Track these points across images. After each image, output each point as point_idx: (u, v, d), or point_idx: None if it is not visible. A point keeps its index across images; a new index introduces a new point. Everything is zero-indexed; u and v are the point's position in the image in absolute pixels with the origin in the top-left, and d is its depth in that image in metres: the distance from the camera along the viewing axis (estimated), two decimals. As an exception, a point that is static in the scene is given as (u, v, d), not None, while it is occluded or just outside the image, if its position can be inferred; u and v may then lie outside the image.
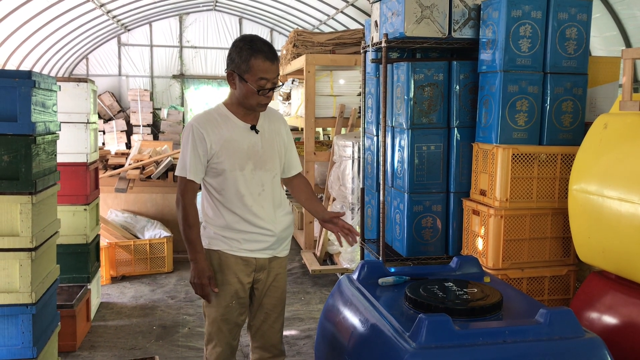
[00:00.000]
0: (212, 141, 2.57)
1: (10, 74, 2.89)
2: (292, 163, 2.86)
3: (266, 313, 2.79)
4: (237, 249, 2.65)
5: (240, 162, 2.61)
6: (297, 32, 6.89)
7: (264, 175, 2.67)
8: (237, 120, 2.64)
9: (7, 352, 2.93)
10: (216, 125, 2.60)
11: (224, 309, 2.68)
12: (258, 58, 2.50)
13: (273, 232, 2.68)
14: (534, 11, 3.38)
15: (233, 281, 2.66)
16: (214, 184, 2.64)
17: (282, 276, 2.82)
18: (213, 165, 2.60)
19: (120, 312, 4.87)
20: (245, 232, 2.64)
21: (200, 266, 2.61)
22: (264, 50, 2.51)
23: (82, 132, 4.43)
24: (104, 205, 6.24)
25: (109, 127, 14.46)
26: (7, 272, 2.91)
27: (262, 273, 2.73)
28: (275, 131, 2.74)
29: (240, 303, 2.71)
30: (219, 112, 2.66)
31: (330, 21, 12.60)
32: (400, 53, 4.17)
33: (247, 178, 2.62)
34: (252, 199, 2.63)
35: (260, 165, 2.65)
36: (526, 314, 2.31)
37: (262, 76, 2.52)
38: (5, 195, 2.87)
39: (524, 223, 3.39)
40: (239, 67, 2.53)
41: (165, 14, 15.18)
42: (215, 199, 2.65)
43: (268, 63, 2.51)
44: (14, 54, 10.73)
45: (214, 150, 2.58)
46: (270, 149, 2.70)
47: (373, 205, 4.41)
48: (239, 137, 2.62)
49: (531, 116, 3.45)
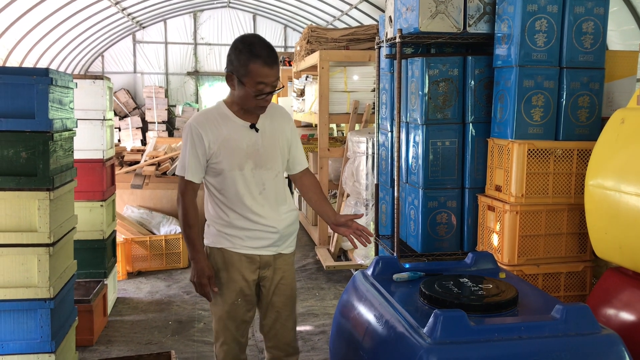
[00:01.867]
0: (210, 141, 2.55)
1: (28, 72, 2.92)
2: (297, 159, 2.82)
3: (277, 312, 2.76)
4: (241, 247, 2.64)
5: (240, 161, 2.58)
6: (310, 29, 6.89)
7: (265, 174, 2.63)
8: (237, 119, 2.60)
9: (27, 345, 2.97)
10: (215, 124, 2.57)
11: (229, 306, 2.67)
12: (257, 63, 2.44)
13: (276, 229, 2.65)
14: (550, 5, 3.35)
15: (238, 279, 2.65)
16: (214, 183, 2.63)
17: (290, 273, 2.79)
18: (212, 165, 2.59)
19: (137, 307, 4.92)
20: (247, 230, 2.62)
21: (200, 265, 2.60)
22: (262, 55, 2.44)
23: (98, 129, 4.47)
24: (120, 201, 6.29)
25: (125, 124, 14.57)
26: (25, 267, 2.95)
27: (267, 270, 2.71)
28: (277, 129, 2.70)
29: (246, 300, 2.69)
30: (218, 111, 2.63)
31: (344, 17, 12.57)
32: (414, 48, 4.15)
33: (246, 178, 2.59)
34: (251, 198, 2.60)
35: (260, 164, 2.62)
36: (542, 309, 2.29)
37: (260, 80, 2.46)
38: (23, 191, 2.91)
39: (539, 219, 3.37)
40: (238, 70, 2.48)
41: (180, 11, 15.25)
42: (216, 197, 2.64)
43: (267, 68, 2.45)
44: (31, 52, 10.84)
45: (213, 150, 2.55)
46: (272, 147, 2.66)
47: (387, 202, 4.40)
48: (238, 136, 2.59)
49: (547, 111, 3.42)
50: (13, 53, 10.10)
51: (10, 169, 2.90)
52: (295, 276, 2.85)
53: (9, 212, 2.92)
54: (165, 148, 7.61)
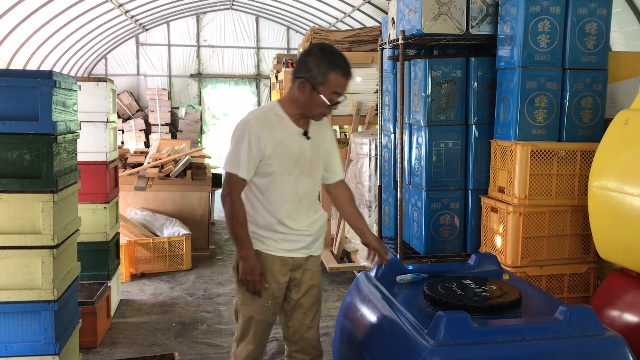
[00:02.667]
0: (267, 142, 2.53)
1: (32, 74, 2.93)
2: (334, 169, 2.81)
3: (304, 313, 2.74)
4: (275, 249, 2.63)
5: (290, 166, 2.58)
6: (313, 30, 6.89)
7: (308, 182, 2.65)
8: (292, 124, 2.60)
9: (30, 347, 2.97)
10: (272, 126, 2.56)
11: (260, 308, 2.65)
12: (337, 73, 2.48)
13: (310, 232, 2.66)
14: (552, 7, 3.34)
15: (270, 281, 2.64)
16: (260, 184, 2.60)
17: (318, 274, 2.79)
18: (263, 167, 2.57)
19: (140, 309, 4.92)
20: (282, 233, 2.62)
21: (252, 263, 2.57)
22: (343, 67, 2.49)
23: (101, 131, 4.47)
24: (123, 203, 6.30)
25: (128, 126, 14.59)
26: (29, 269, 2.96)
27: (298, 272, 2.70)
28: (321, 137, 2.70)
29: (275, 303, 2.69)
30: (274, 112, 2.61)
31: (347, 19, 12.57)
32: (417, 50, 4.15)
33: (292, 183, 2.60)
34: (293, 204, 2.61)
35: (305, 171, 2.63)
36: (545, 311, 2.29)
37: (336, 91, 2.50)
38: (27, 193, 2.92)
39: (543, 220, 3.36)
40: (315, 78, 2.48)
41: (183, 14, 15.26)
42: (257, 199, 2.62)
43: (344, 80, 2.50)
44: (34, 55, 10.87)
45: (268, 151, 2.54)
46: (317, 156, 2.67)
47: (390, 203, 4.40)
48: (291, 142, 2.58)
49: (550, 112, 3.42)
50: (17, 56, 10.13)
51: (14, 171, 2.91)
52: (321, 276, 2.85)
53: (12, 214, 2.93)
54: (169, 150, 7.62)
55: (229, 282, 5.69)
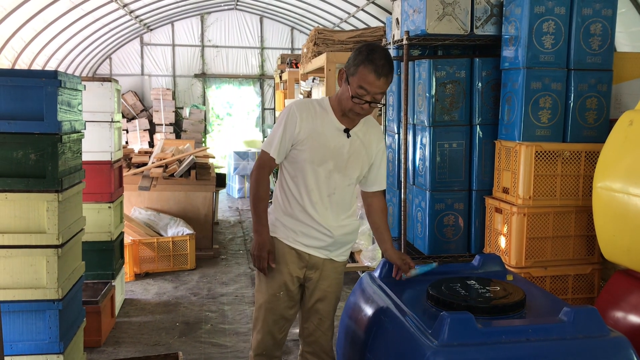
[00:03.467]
0: (302, 127, 2.56)
1: (37, 74, 2.94)
2: (376, 178, 2.79)
3: (320, 319, 2.73)
4: (293, 240, 2.64)
5: (321, 158, 2.58)
6: (317, 31, 6.89)
7: (341, 179, 2.63)
8: (334, 118, 2.61)
9: (35, 346, 2.99)
10: (313, 114, 2.59)
11: (270, 296, 2.66)
12: (367, 67, 2.45)
13: (332, 234, 2.64)
14: (557, 7, 3.34)
15: (284, 271, 2.64)
16: (290, 169, 2.64)
17: (338, 282, 2.76)
18: (294, 152, 2.60)
19: (144, 308, 4.93)
20: (304, 224, 2.62)
21: (263, 238, 2.61)
22: (376, 64, 2.45)
23: (106, 131, 4.49)
24: (127, 203, 6.31)
25: (132, 126, 14.62)
26: (34, 268, 2.97)
27: (314, 272, 2.68)
28: (367, 142, 2.68)
29: (289, 295, 2.67)
30: (321, 104, 2.64)
31: (351, 19, 12.57)
32: (421, 50, 4.15)
33: (320, 175, 2.59)
34: (319, 196, 2.61)
35: (340, 168, 2.62)
36: (550, 312, 2.29)
37: (363, 85, 2.47)
38: (32, 193, 2.93)
39: (547, 221, 3.36)
40: (349, 68, 2.52)
41: (187, 14, 15.29)
42: (287, 184, 2.65)
43: (373, 76, 2.45)
44: (39, 55, 10.90)
45: (302, 137, 2.56)
46: (355, 157, 2.65)
47: (394, 203, 4.40)
48: (329, 134, 2.59)
49: (554, 113, 3.42)
50: (22, 55, 10.16)
51: (20, 171, 2.92)
52: (342, 285, 2.81)
53: (18, 214, 2.94)
54: (173, 150, 7.64)
55: (232, 282, 5.70)
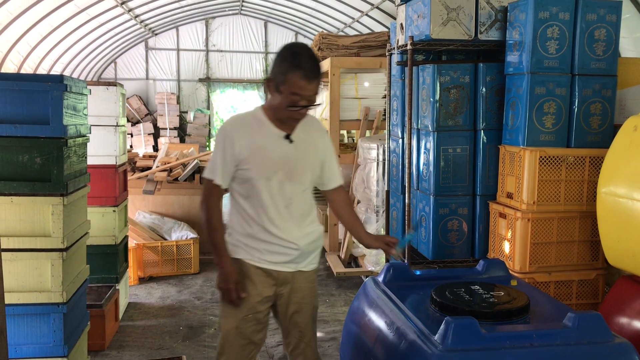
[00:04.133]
0: (242, 146, 2.46)
1: (43, 78, 2.96)
2: (331, 175, 2.69)
3: (300, 332, 2.64)
4: (258, 259, 2.53)
5: (269, 171, 2.48)
6: (322, 36, 6.91)
7: (294, 187, 2.53)
8: (272, 127, 2.50)
9: (40, 349, 3.00)
10: (249, 129, 2.49)
11: (238, 321, 2.54)
12: (296, 74, 2.34)
13: (297, 245, 2.54)
14: (561, 12, 3.34)
15: (252, 293, 2.53)
16: (240, 190, 2.53)
17: (312, 292, 2.67)
18: (240, 172, 2.49)
19: (148, 312, 4.94)
20: (267, 243, 2.52)
21: (226, 270, 2.49)
22: (304, 68, 2.34)
23: (111, 135, 4.50)
24: (132, 207, 6.33)
25: (137, 130, 14.66)
26: (39, 271, 2.98)
27: (284, 287, 2.59)
28: (311, 142, 2.59)
29: (257, 318, 2.56)
30: (255, 116, 2.53)
31: (355, 24, 12.59)
32: (425, 55, 4.16)
33: (273, 189, 2.49)
34: (276, 211, 2.50)
35: (290, 176, 2.51)
36: (554, 317, 2.29)
37: (295, 92, 2.37)
38: (37, 196, 2.95)
39: (551, 226, 3.35)
40: (276, 76, 2.40)
41: (192, 19, 15.35)
42: (240, 206, 2.54)
43: (305, 81, 2.35)
44: (45, 59, 10.96)
45: (243, 155, 2.46)
46: (304, 160, 2.55)
47: (398, 208, 4.40)
48: (270, 145, 2.49)
49: (559, 118, 3.42)
50: (27, 60, 10.21)
51: (25, 175, 2.94)
52: (317, 294, 2.74)
53: (23, 217, 2.96)
54: (177, 154, 7.66)
55: (236, 286, 5.70)
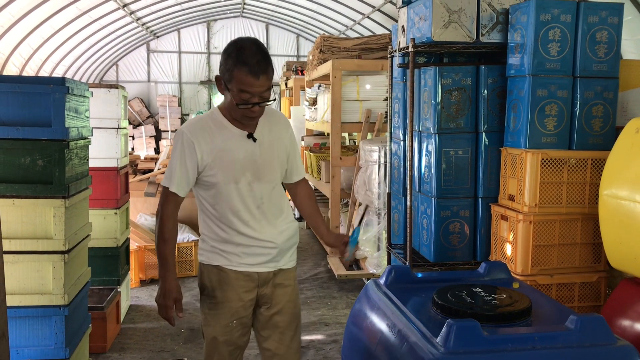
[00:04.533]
0: (203, 152, 2.34)
1: (45, 81, 2.97)
2: (294, 169, 2.62)
3: (281, 332, 2.54)
4: (237, 264, 2.44)
5: (236, 174, 2.38)
6: (323, 38, 6.92)
7: (263, 187, 2.44)
8: (233, 128, 2.39)
9: (41, 352, 3.00)
10: (209, 133, 2.37)
11: (223, 328, 2.47)
12: (242, 70, 2.23)
13: (275, 243, 2.47)
14: (563, 15, 3.34)
15: (234, 298, 2.46)
16: (207, 197, 2.43)
17: (293, 289, 2.59)
18: (205, 178, 2.38)
19: (149, 314, 4.93)
20: (244, 246, 2.43)
21: (169, 285, 2.39)
22: (249, 63, 2.23)
23: (113, 138, 4.51)
24: (133, 209, 6.33)
25: (138, 133, 14.69)
26: (40, 274, 2.98)
27: (266, 288, 2.51)
28: (276, 137, 2.50)
29: (241, 322, 2.50)
30: (213, 118, 2.41)
31: (357, 26, 12.61)
32: (427, 58, 4.16)
33: (242, 191, 2.39)
34: (248, 213, 2.41)
35: (259, 176, 2.42)
36: (556, 320, 2.28)
37: (243, 89, 2.26)
38: (39, 199, 2.95)
39: (553, 228, 3.35)
40: (224, 74, 2.30)
41: (193, 21, 15.39)
42: (209, 212, 2.45)
43: (251, 77, 2.24)
44: (47, 61, 10.98)
45: (206, 162, 2.35)
46: (270, 158, 2.46)
47: (400, 210, 4.40)
48: (234, 147, 2.38)
49: (560, 120, 3.41)
50: (29, 62, 10.23)
51: (27, 177, 2.94)
52: (299, 293, 2.66)
53: (25, 220, 2.96)
54: (179, 156, 7.66)
55: (237, 289, 5.70)
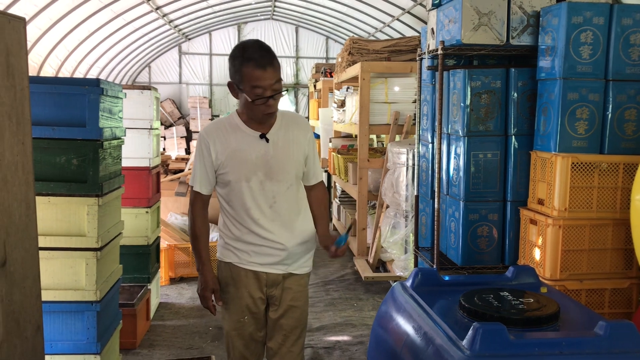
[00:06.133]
0: (217, 151, 2.49)
1: (81, 82, 3.05)
2: (311, 172, 2.68)
3: (284, 335, 2.62)
4: (247, 262, 2.55)
5: (247, 173, 2.49)
6: (352, 40, 6.93)
7: (276, 186, 2.52)
8: (247, 129, 2.51)
9: (74, 346, 3.08)
10: (224, 134, 2.51)
11: (235, 323, 2.59)
12: (249, 66, 2.34)
13: (284, 246, 2.54)
14: (595, 17, 3.30)
15: (244, 295, 2.56)
16: (223, 194, 2.57)
17: (302, 295, 2.66)
18: (220, 176, 2.53)
19: (178, 312, 5.01)
20: (254, 245, 2.54)
21: (205, 278, 2.55)
22: (254, 58, 2.35)
23: (145, 138, 4.59)
24: (164, 208, 6.43)
25: (170, 133, 14.89)
26: (74, 270, 3.06)
27: (275, 289, 2.59)
28: (293, 139, 2.57)
29: (255, 318, 2.60)
30: (229, 120, 2.55)
31: (386, 28, 12.59)
32: (456, 60, 4.14)
33: (254, 190, 2.50)
34: (259, 211, 2.51)
35: (271, 175, 2.51)
36: (584, 326, 2.26)
37: (255, 84, 2.36)
38: (73, 197, 3.03)
39: (583, 233, 3.31)
40: (234, 77, 2.42)
41: (224, 24, 15.54)
42: (225, 210, 2.59)
43: (259, 71, 2.34)
44: (82, 63, 11.22)
45: (220, 160, 2.49)
46: (284, 158, 2.54)
47: (427, 213, 4.38)
48: (246, 147, 2.49)
49: (592, 124, 3.37)
50: (65, 64, 10.47)
51: (62, 176, 3.02)
52: (308, 300, 2.72)
53: (59, 217, 3.04)
54: (208, 157, 7.75)
55: (265, 289, 5.74)
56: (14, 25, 1.96)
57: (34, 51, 9.01)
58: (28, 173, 2.10)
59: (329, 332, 4.60)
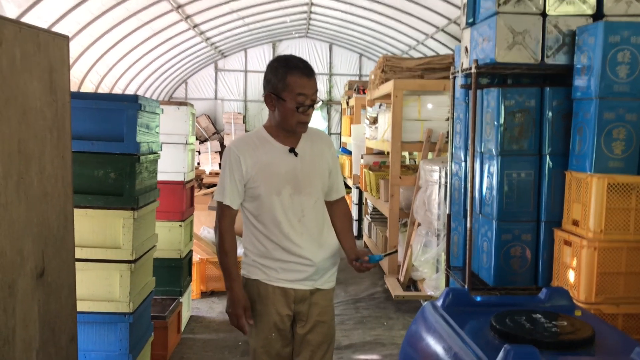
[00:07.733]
0: (248, 165, 2.50)
1: (119, 98, 3.14)
2: (334, 187, 2.71)
3: (312, 351, 2.61)
4: (275, 279, 2.55)
5: (277, 186, 2.51)
6: (385, 58, 6.96)
7: (305, 200, 2.55)
8: (276, 143, 2.55)
9: (106, 356, 3.13)
10: (254, 148, 2.53)
11: (263, 340, 2.57)
12: (294, 74, 2.43)
13: (312, 261, 2.55)
14: (633, 36, 3.25)
15: (272, 312, 2.56)
16: (252, 209, 2.58)
17: (328, 310, 2.67)
18: (249, 190, 2.54)
19: (209, 326, 5.05)
20: (283, 261, 2.54)
21: (236, 295, 2.53)
22: (299, 67, 2.45)
23: (180, 153, 4.67)
24: (197, 222, 6.51)
25: (204, 148, 15.11)
26: (108, 281, 3.13)
27: (302, 305, 2.60)
28: (318, 153, 2.63)
29: (281, 335, 2.59)
30: (258, 135, 2.59)
31: (420, 46, 12.59)
32: (490, 79, 4.12)
33: (284, 203, 2.52)
34: (289, 225, 2.53)
35: (299, 189, 2.54)
36: (620, 351, 2.20)
37: (300, 92, 2.43)
38: (110, 209, 3.10)
39: (620, 256, 3.23)
40: (276, 86, 2.46)
41: (260, 41, 15.76)
42: (253, 225, 2.60)
43: (305, 79, 2.44)
44: (121, 78, 11.50)
45: (250, 174, 2.51)
46: (311, 172, 2.58)
47: (459, 232, 4.34)
48: (276, 161, 2.53)
49: (629, 145, 3.31)
50: (104, 79, 10.75)
51: (99, 189, 3.10)
52: (334, 314, 2.73)
53: (96, 229, 3.12)
54: (241, 172, 7.83)
55: (295, 305, 5.74)
56: (58, 43, 2.03)
57: (76, 67, 9.28)
58: (67, 186, 2.16)
59: (358, 351, 4.58)
